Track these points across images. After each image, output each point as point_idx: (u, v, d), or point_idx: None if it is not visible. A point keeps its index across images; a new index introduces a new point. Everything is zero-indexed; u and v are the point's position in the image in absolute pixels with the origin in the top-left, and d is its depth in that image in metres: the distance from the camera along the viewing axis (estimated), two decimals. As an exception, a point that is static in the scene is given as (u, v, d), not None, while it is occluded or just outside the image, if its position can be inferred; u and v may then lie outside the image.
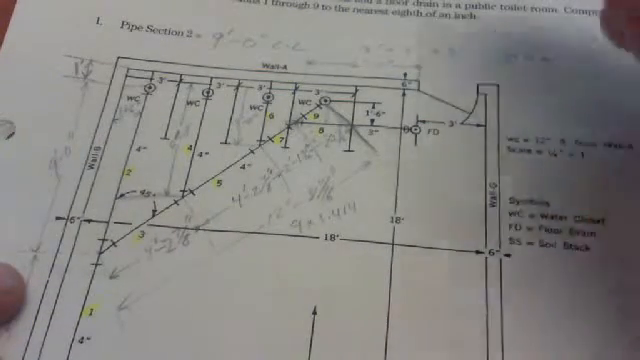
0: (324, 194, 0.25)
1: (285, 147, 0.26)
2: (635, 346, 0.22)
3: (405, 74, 0.28)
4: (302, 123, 0.27)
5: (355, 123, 0.27)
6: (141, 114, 0.27)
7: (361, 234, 0.24)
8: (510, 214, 0.24)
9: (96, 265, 0.24)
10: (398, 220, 0.24)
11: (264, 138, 0.26)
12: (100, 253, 0.24)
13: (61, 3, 0.29)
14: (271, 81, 0.28)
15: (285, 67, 0.28)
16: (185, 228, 0.24)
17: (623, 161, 0.25)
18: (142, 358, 0.22)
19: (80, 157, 0.26)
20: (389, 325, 0.22)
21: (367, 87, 0.27)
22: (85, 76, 0.27)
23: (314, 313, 0.23)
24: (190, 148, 0.26)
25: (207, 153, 0.26)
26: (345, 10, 0.30)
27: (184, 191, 0.25)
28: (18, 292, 0.23)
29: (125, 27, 0.29)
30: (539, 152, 0.26)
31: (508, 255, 0.24)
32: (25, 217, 0.24)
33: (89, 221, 0.25)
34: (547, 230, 0.24)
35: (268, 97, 0.27)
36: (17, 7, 0.29)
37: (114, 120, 0.27)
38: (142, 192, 0.25)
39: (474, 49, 0.28)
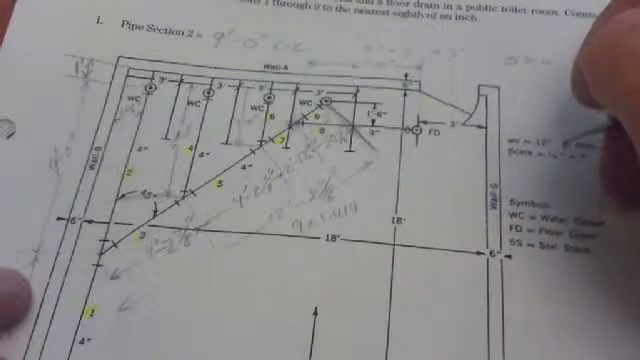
0: (325, 194, 0.25)
1: (286, 147, 0.26)
2: (637, 347, 0.22)
3: (406, 75, 0.28)
4: (303, 123, 0.27)
5: (356, 123, 0.27)
6: (142, 114, 0.27)
7: (362, 234, 0.24)
8: (511, 215, 0.24)
9: (97, 266, 0.24)
10: (399, 220, 0.24)
11: (265, 138, 0.26)
12: (101, 254, 0.24)
13: (61, 2, 0.29)
14: (272, 81, 0.28)
15: (286, 67, 0.28)
16: (186, 229, 0.24)
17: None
18: (143, 359, 0.22)
19: (81, 157, 0.26)
20: (390, 326, 0.22)
21: (368, 87, 0.27)
22: (85, 76, 0.27)
23: (315, 314, 0.23)
24: (191, 148, 0.26)
25: (208, 153, 0.26)
26: (346, 10, 0.30)
27: (185, 191, 0.25)
28: (24, 297, 0.23)
29: (126, 26, 0.29)
30: (540, 154, 0.26)
31: (509, 256, 0.24)
32: (26, 217, 0.24)
33: (90, 222, 0.24)
34: (548, 232, 0.24)
35: (269, 97, 0.27)
36: (17, 7, 0.29)
37: (115, 120, 0.27)
38: (143, 193, 0.25)
39: (475, 50, 0.28)
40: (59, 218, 0.24)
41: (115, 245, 0.24)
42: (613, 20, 0.19)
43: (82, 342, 0.22)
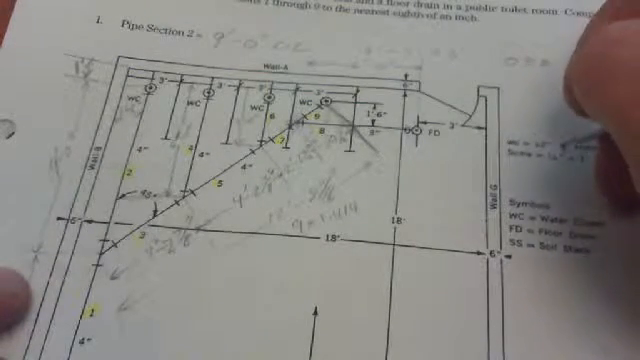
0: (325, 194, 0.25)
1: (286, 147, 0.26)
2: (636, 347, 0.22)
3: (406, 75, 0.28)
4: (303, 123, 0.27)
5: (356, 124, 0.27)
6: (142, 114, 0.27)
7: (362, 234, 0.24)
8: (510, 216, 0.24)
9: (97, 266, 0.24)
10: (399, 221, 0.25)
11: (265, 138, 0.26)
12: (101, 254, 0.24)
13: (61, 2, 0.29)
14: (272, 81, 0.28)
15: (286, 67, 0.28)
16: (186, 229, 0.24)
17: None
18: (143, 359, 0.22)
19: (81, 157, 0.26)
20: (390, 326, 0.23)
21: (368, 88, 0.27)
22: (85, 75, 0.27)
23: (315, 314, 0.23)
24: (191, 148, 0.26)
25: (208, 153, 0.26)
26: (346, 11, 0.30)
27: (185, 191, 0.25)
28: (23, 297, 0.23)
29: (125, 26, 0.29)
30: (539, 156, 0.26)
31: (509, 256, 0.24)
32: (26, 217, 0.24)
33: (90, 221, 0.24)
34: (547, 232, 0.24)
35: (269, 97, 0.27)
36: (17, 7, 0.29)
37: (115, 120, 0.27)
38: (143, 192, 0.25)
39: (475, 51, 0.28)
40: (59, 218, 0.24)
41: (115, 245, 0.24)
42: (598, 33, 0.19)
43: (82, 342, 0.22)
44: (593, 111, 0.19)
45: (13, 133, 0.26)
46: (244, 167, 0.26)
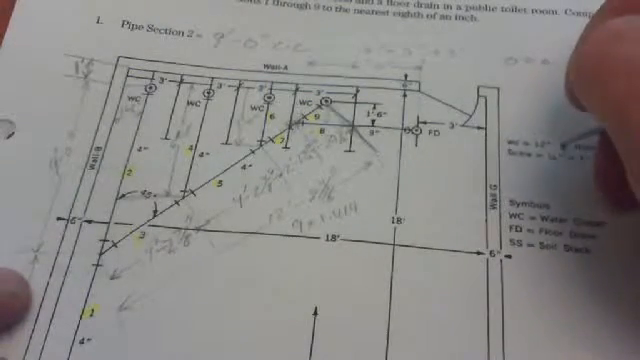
0: (325, 194, 0.25)
1: (286, 147, 0.26)
2: (636, 347, 0.22)
3: (406, 75, 0.28)
4: (303, 123, 0.27)
5: (356, 124, 0.27)
6: (142, 114, 0.27)
7: (362, 234, 0.24)
8: (510, 216, 0.24)
9: (97, 266, 0.24)
10: (399, 221, 0.25)
11: (265, 138, 0.26)
12: (101, 254, 0.24)
13: (61, 2, 0.29)
14: (272, 82, 0.28)
15: (286, 67, 0.28)
16: (186, 229, 0.24)
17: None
18: (143, 359, 0.22)
19: (81, 157, 0.26)
20: (390, 326, 0.23)
21: (368, 88, 0.27)
22: (85, 76, 0.27)
23: (315, 314, 0.23)
24: (191, 148, 0.26)
25: (208, 153, 0.26)
26: (346, 11, 0.30)
27: (185, 191, 0.25)
28: (23, 297, 0.23)
29: (125, 26, 0.29)
30: (539, 155, 0.26)
31: (509, 256, 0.24)
32: (26, 217, 0.24)
33: (90, 222, 0.24)
34: (547, 232, 0.24)
35: (269, 97, 0.27)
36: (17, 7, 0.29)
37: (115, 120, 0.27)
38: (143, 192, 0.25)
39: (474, 51, 0.28)
40: (59, 218, 0.24)
41: (115, 245, 0.24)
42: (598, 29, 0.19)
43: (82, 342, 0.22)
44: (591, 107, 0.19)
45: (13, 133, 0.26)
46: (244, 167, 0.26)
